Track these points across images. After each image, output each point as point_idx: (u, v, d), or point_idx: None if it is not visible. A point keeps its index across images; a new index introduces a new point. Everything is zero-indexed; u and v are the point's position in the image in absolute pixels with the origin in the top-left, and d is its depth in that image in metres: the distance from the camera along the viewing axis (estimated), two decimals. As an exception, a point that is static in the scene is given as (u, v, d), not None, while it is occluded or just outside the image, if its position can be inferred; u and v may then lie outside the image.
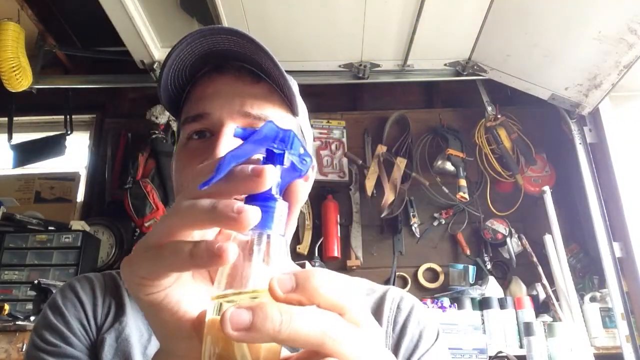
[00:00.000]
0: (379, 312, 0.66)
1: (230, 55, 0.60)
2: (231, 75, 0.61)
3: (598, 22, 1.82)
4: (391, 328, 0.64)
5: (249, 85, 0.61)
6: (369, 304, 0.67)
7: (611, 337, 2.00)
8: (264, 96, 0.61)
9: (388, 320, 0.65)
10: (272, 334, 0.26)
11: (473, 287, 2.15)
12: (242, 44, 0.58)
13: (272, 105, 0.61)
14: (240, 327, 0.26)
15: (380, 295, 0.68)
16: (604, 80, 2.00)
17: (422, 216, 2.41)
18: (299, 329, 0.27)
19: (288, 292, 0.28)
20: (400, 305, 0.67)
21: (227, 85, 0.61)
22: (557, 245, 2.10)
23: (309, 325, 0.27)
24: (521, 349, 1.98)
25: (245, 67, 0.62)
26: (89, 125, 2.75)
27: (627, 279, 2.00)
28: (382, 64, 2.31)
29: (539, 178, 2.35)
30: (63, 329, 0.61)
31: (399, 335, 0.64)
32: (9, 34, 2.13)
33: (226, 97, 0.60)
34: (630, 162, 2.13)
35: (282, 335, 0.26)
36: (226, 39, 0.58)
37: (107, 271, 0.71)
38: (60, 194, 2.64)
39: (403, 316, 0.66)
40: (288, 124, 0.63)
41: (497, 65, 2.27)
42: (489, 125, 2.36)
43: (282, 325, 0.26)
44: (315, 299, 0.28)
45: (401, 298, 0.68)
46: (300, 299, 0.28)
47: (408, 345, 0.63)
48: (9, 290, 2.17)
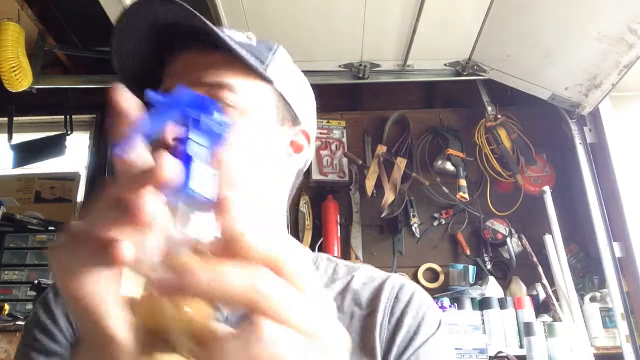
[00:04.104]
0: (375, 302, 0.62)
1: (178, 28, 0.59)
2: (187, 49, 0.60)
3: (598, 22, 1.82)
4: (387, 319, 0.60)
5: (205, 54, 0.59)
6: (366, 293, 0.63)
7: (611, 337, 2.00)
8: (223, 64, 0.59)
9: (384, 311, 0.61)
10: (199, 291, 0.26)
11: (473, 287, 2.15)
12: (178, 12, 0.57)
13: (233, 72, 0.59)
14: (167, 288, 0.26)
15: (378, 284, 0.64)
16: (604, 80, 2.00)
17: (422, 216, 2.41)
18: (226, 284, 0.26)
19: (216, 251, 0.27)
20: (399, 295, 0.63)
21: (185, 59, 0.60)
22: (557, 245, 2.10)
23: (236, 279, 0.26)
24: (521, 349, 1.97)
25: (200, 38, 0.59)
26: (89, 125, 2.75)
27: (627, 279, 2.00)
28: (382, 64, 2.31)
29: (539, 178, 2.35)
30: (50, 326, 0.61)
31: (394, 326, 0.60)
32: (9, 34, 2.13)
33: (184, 70, 0.59)
34: (630, 162, 2.12)
35: (210, 291, 0.26)
36: (166, 10, 0.57)
37: None
38: (60, 194, 2.64)
39: (401, 306, 0.62)
40: (253, 90, 0.60)
41: (497, 65, 2.27)
42: (489, 125, 2.36)
43: (209, 282, 0.26)
44: (246, 253, 0.27)
45: (400, 287, 0.64)
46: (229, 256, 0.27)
47: (404, 337, 0.59)
48: (9, 290, 2.17)
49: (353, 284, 0.64)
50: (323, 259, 0.70)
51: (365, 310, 0.61)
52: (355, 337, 0.59)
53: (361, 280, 0.65)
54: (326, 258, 0.70)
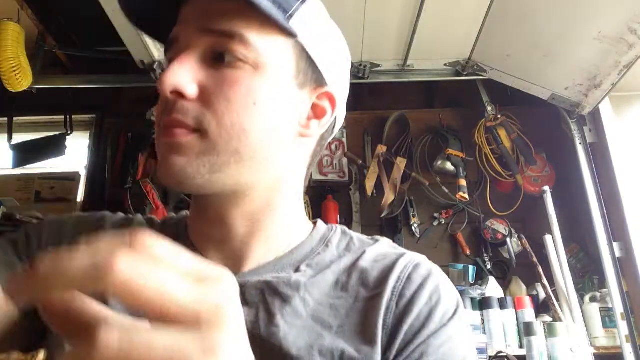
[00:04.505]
0: (384, 282, 0.55)
1: None
2: None
3: (598, 22, 1.82)
4: (395, 302, 0.54)
5: (219, 1, 0.53)
6: (374, 272, 0.57)
7: (611, 337, 2.00)
8: (238, 12, 0.52)
9: (393, 292, 0.54)
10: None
11: (473, 287, 2.15)
12: None
13: (247, 22, 0.52)
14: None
15: (390, 262, 0.58)
16: (604, 80, 2.00)
17: (422, 216, 2.41)
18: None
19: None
20: (412, 276, 0.56)
21: (198, 4, 0.54)
22: (557, 245, 2.10)
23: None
24: (521, 349, 1.97)
25: None
26: (89, 125, 2.75)
27: (627, 279, 2.00)
28: (382, 64, 2.32)
29: (539, 178, 2.35)
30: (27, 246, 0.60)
31: (403, 311, 0.53)
32: (9, 34, 2.13)
33: (194, 17, 0.53)
34: (630, 162, 2.12)
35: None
36: None
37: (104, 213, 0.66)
38: (60, 194, 2.64)
39: (412, 288, 0.55)
40: (270, 43, 0.53)
41: (497, 65, 2.27)
42: (489, 125, 2.36)
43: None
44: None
45: (415, 266, 0.57)
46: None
47: (412, 323, 0.53)
48: (9, 290, 2.16)
49: (362, 262, 0.58)
50: (337, 232, 0.64)
51: (372, 292, 0.55)
52: (356, 321, 0.53)
53: (372, 257, 0.59)
54: (341, 231, 0.65)
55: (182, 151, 0.51)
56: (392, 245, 0.64)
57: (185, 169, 0.51)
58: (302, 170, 0.62)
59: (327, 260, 0.60)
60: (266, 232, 0.58)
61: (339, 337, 0.52)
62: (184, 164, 0.51)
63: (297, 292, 0.55)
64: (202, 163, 0.51)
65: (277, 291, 0.54)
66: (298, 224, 0.62)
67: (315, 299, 0.55)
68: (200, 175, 0.51)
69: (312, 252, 0.60)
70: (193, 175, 0.51)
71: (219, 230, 0.58)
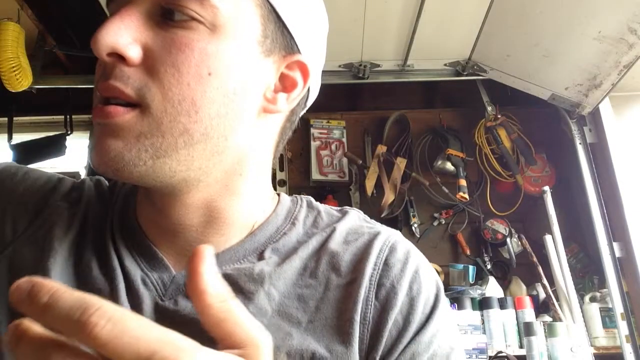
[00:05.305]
0: (359, 268, 0.50)
1: None
2: None
3: (598, 22, 1.82)
4: (373, 293, 0.49)
5: None
6: (347, 256, 0.51)
7: (611, 337, 2.00)
8: None
9: (370, 282, 0.49)
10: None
11: (473, 287, 2.15)
12: None
13: None
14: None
15: (363, 244, 0.52)
16: (604, 80, 2.00)
17: (422, 216, 2.41)
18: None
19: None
20: (388, 261, 0.51)
21: None
22: (557, 245, 2.10)
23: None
24: (521, 349, 1.97)
25: None
26: (89, 125, 2.75)
27: (627, 279, 2.00)
28: (382, 64, 2.31)
29: (539, 178, 2.35)
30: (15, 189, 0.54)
31: (384, 303, 0.49)
32: (9, 34, 2.13)
33: None
34: (630, 162, 2.12)
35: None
36: None
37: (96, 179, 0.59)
38: (60, 194, 2.64)
39: (391, 276, 0.50)
40: (229, 0, 0.44)
41: (497, 65, 2.27)
42: (489, 125, 2.36)
43: None
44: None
45: (391, 249, 0.52)
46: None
47: (396, 318, 0.48)
48: (9, 290, 2.16)
49: (331, 243, 0.52)
50: (303, 205, 0.57)
51: (344, 279, 0.50)
52: (328, 314, 0.48)
53: (342, 237, 0.53)
54: (307, 205, 0.58)
55: (118, 133, 0.43)
56: (362, 218, 0.58)
57: (122, 154, 0.43)
58: (268, 150, 0.54)
59: (294, 240, 0.53)
60: (225, 220, 0.51)
61: (309, 334, 0.47)
62: (121, 149, 0.42)
63: (261, 286, 0.48)
64: (143, 147, 0.43)
65: (238, 286, 0.47)
66: (262, 202, 0.54)
67: (281, 292, 0.49)
68: (141, 162, 0.43)
69: (277, 232, 0.53)
70: (132, 161, 0.43)
71: (170, 221, 0.50)
